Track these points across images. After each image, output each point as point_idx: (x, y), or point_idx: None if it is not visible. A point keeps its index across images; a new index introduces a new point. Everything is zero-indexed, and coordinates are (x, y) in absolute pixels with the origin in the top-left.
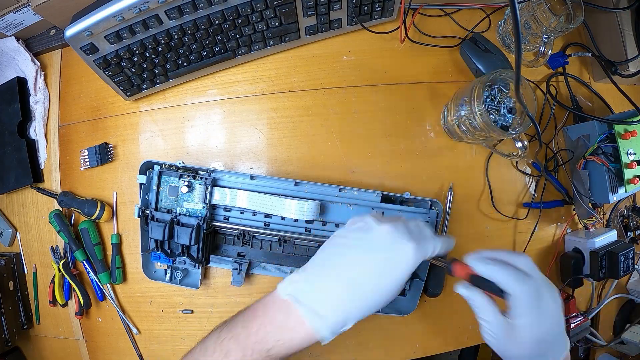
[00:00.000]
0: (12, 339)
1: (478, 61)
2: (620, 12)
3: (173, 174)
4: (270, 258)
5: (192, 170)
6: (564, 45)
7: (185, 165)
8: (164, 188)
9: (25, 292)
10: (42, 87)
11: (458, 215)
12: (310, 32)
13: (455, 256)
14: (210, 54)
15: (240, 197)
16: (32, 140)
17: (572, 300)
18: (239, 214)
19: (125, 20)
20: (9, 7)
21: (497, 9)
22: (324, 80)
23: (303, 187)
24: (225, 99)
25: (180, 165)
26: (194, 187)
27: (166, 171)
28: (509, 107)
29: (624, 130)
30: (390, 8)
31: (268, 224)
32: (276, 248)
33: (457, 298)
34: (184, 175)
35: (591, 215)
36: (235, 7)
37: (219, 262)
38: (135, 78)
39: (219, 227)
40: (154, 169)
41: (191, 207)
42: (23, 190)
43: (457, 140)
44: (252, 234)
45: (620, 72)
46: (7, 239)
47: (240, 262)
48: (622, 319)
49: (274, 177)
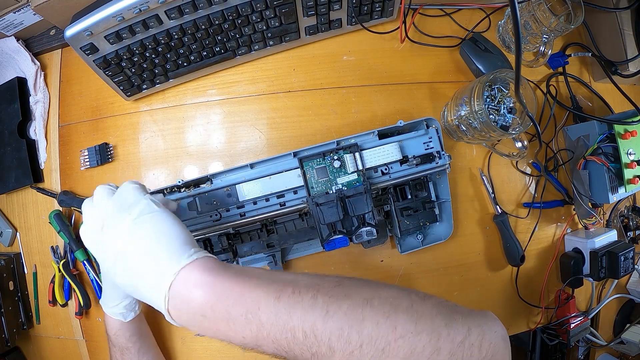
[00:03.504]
0: (12, 339)
1: (478, 61)
2: (620, 12)
3: (176, 195)
4: (298, 237)
5: (192, 184)
6: (564, 45)
7: (185, 181)
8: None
9: (25, 292)
10: (42, 87)
11: (458, 215)
12: (310, 32)
13: None
14: (210, 54)
15: (248, 189)
16: (32, 140)
17: (572, 300)
18: (252, 205)
19: (125, 20)
20: (9, 7)
21: (497, 9)
22: (323, 80)
23: (303, 154)
24: (225, 99)
25: (180, 184)
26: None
27: (169, 195)
28: (509, 107)
29: (624, 130)
30: (390, 8)
31: (284, 203)
32: (300, 224)
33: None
34: (184, 191)
35: (591, 215)
36: (235, 7)
37: (253, 263)
38: (135, 78)
39: (238, 225)
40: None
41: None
42: (23, 190)
43: (457, 140)
44: (273, 220)
45: (620, 72)
46: (7, 239)
47: (272, 253)
48: (622, 319)
49: (271, 157)
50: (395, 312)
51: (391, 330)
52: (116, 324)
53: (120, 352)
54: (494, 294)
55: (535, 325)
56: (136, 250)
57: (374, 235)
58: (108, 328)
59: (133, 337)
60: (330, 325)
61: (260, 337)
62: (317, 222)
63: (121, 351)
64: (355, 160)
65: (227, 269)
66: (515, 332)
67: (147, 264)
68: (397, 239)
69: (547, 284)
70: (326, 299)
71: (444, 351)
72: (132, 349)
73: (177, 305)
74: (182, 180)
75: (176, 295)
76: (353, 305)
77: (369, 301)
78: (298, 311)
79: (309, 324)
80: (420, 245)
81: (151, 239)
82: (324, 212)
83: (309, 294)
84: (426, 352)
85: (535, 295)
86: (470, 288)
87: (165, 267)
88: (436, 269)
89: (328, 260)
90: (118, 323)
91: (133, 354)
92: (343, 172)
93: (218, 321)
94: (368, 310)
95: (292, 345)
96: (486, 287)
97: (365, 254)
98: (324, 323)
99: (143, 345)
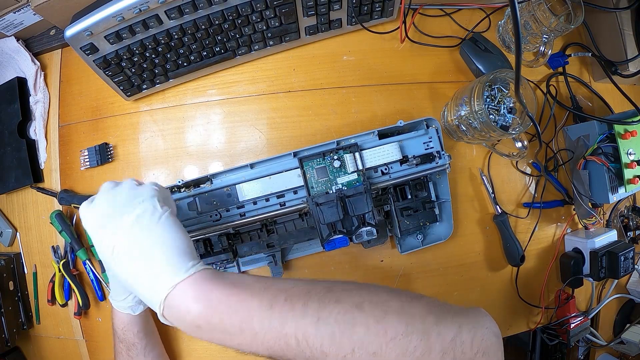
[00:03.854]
0: (12, 339)
1: (478, 61)
2: (620, 12)
3: (176, 195)
4: (298, 237)
5: (192, 184)
6: (564, 45)
7: (185, 181)
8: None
9: (25, 292)
10: (42, 87)
11: (458, 215)
12: (310, 32)
13: None
14: (210, 54)
15: (248, 189)
16: (32, 140)
17: (572, 300)
18: (252, 205)
19: (125, 20)
20: (9, 7)
21: (497, 9)
22: (323, 80)
23: (303, 154)
24: (225, 99)
25: (180, 184)
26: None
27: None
28: (509, 107)
29: (624, 130)
30: (390, 8)
31: (283, 203)
32: (300, 224)
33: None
34: (184, 191)
35: (591, 215)
36: (235, 7)
37: (253, 263)
38: (135, 78)
39: (238, 225)
40: None
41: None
42: (23, 190)
43: (457, 140)
44: (273, 220)
45: (620, 72)
46: (7, 239)
47: (272, 253)
48: (622, 319)
49: (271, 157)
50: (385, 315)
51: (382, 334)
52: (125, 318)
53: (126, 348)
54: (494, 294)
55: (535, 325)
56: (137, 251)
57: (374, 235)
58: (116, 324)
59: (140, 332)
60: (322, 331)
61: (254, 345)
62: (317, 222)
63: (127, 347)
64: (355, 160)
65: (222, 280)
66: (515, 332)
67: (145, 269)
68: (397, 239)
69: (547, 284)
70: (317, 305)
71: (435, 350)
72: (139, 345)
73: (172, 315)
74: (182, 180)
75: (172, 305)
76: (344, 311)
77: (359, 305)
78: (290, 319)
79: (301, 331)
80: (420, 245)
81: (153, 244)
82: (324, 212)
83: (300, 301)
84: (417, 352)
85: (535, 295)
86: (470, 288)
87: (162, 277)
88: (436, 269)
89: (328, 260)
90: (127, 318)
91: (139, 350)
92: (343, 172)
93: (213, 331)
94: (358, 314)
95: (285, 351)
96: (486, 287)
97: (365, 254)
98: (316, 329)
99: (149, 341)
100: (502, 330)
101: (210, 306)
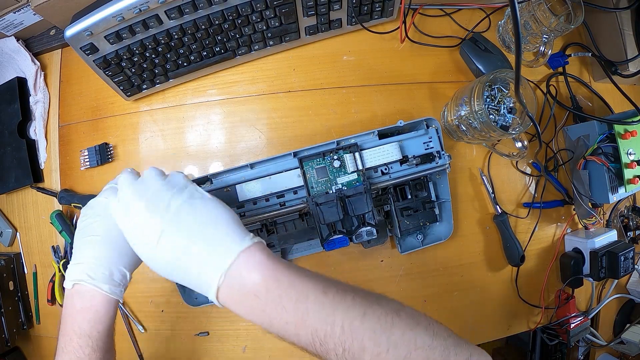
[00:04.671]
0: (12, 339)
1: (478, 61)
2: (620, 12)
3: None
4: (298, 237)
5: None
6: (564, 45)
7: None
8: None
9: (25, 292)
10: (42, 87)
11: (458, 215)
12: (310, 32)
13: None
14: (210, 54)
15: (248, 189)
16: (32, 140)
17: (572, 300)
18: (252, 205)
19: (125, 20)
20: (9, 7)
21: (497, 9)
22: (323, 80)
23: (303, 154)
24: (225, 99)
25: None
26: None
27: None
28: (509, 107)
29: (624, 130)
30: (390, 8)
31: (283, 203)
32: (300, 224)
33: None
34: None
35: (591, 215)
36: (235, 7)
37: None
38: (135, 78)
39: None
40: None
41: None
42: (23, 190)
43: (457, 140)
44: (273, 220)
45: (620, 72)
46: (7, 239)
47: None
48: (622, 319)
49: (271, 157)
50: (417, 326)
51: (412, 341)
52: (104, 307)
53: (91, 346)
54: (494, 294)
55: (535, 325)
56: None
57: (374, 235)
58: (90, 316)
59: (111, 328)
60: (366, 325)
61: (301, 325)
62: (317, 222)
63: (92, 345)
64: (355, 160)
65: (279, 258)
66: (515, 332)
67: (204, 245)
68: (397, 239)
69: (547, 284)
70: (364, 302)
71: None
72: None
73: (231, 285)
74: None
75: (234, 275)
76: (385, 313)
77: (397, 312)
78: (341, 308)
79: (348, 321)
80: (420, 245)
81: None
82: (324, 212)
83: (349, 295)
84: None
85: (535, 295)
86: (470, 288)
87: (225, 247)
88: (436, 269)
89: (328, 260)
90: (106, 306)
91: (105, 350)
92: (343, 172)
93: (268, 302)
94: (397, 319)
95: (328, 338)
96: (486, 287)
97: (365, 254)
98: (361, 322)
99: (111, 345)
100: (502, 330)
101: (272, 275)
